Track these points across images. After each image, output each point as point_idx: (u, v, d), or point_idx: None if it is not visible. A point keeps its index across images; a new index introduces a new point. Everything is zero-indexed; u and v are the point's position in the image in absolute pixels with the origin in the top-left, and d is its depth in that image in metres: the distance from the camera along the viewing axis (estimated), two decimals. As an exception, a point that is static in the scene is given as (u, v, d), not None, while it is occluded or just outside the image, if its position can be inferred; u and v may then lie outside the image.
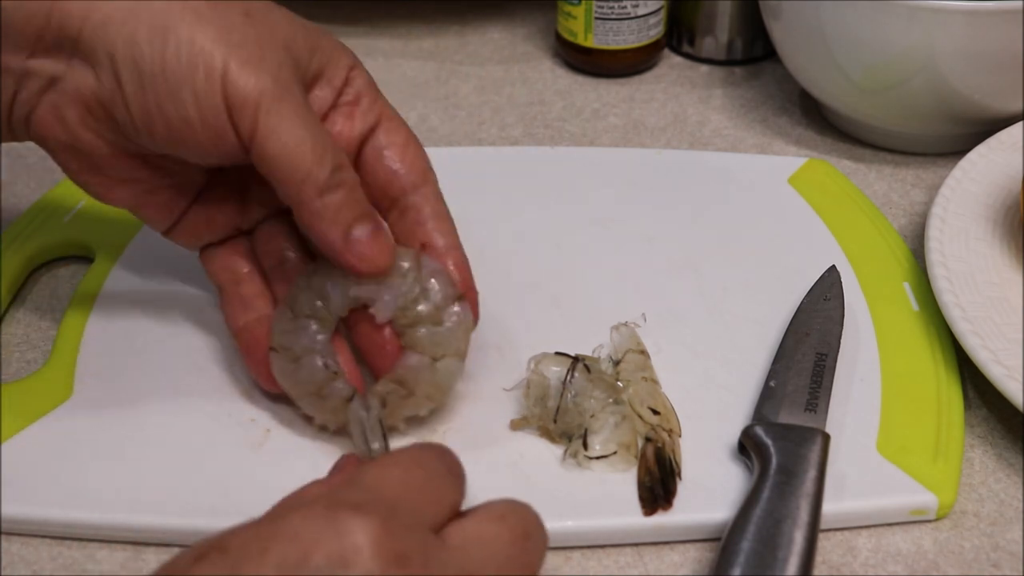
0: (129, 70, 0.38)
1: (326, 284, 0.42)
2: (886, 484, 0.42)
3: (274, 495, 0.41)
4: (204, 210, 0.44)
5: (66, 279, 0.53)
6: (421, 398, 0.42)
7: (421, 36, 0.75)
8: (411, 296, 0.42)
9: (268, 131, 0.38)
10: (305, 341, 0.42)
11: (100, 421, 0.44)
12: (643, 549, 0.41)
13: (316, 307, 0.42)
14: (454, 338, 0.42)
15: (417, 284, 0.42)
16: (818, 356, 0.46)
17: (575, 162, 0.60)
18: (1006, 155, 0.55)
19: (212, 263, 0.45)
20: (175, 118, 0.38)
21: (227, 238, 0.45)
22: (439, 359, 0.42)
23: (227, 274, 0.45)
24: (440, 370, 0.42)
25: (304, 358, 0.42)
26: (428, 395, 0.42)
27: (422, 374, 0.42)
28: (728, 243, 0.54)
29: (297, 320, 0.42)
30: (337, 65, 0.42)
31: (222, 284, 0.45)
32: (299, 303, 0.42)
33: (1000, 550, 0.41)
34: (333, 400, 0.41)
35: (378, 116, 0.43)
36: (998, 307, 0.47)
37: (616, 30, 0.68)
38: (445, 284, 0.42)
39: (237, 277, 0.45)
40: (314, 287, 0.42)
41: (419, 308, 0.42)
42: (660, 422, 0.43)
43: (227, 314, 0.45)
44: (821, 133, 0.65)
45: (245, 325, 0.44)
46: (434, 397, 0.42)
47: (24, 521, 0.41)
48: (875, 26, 0.55)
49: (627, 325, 0.47)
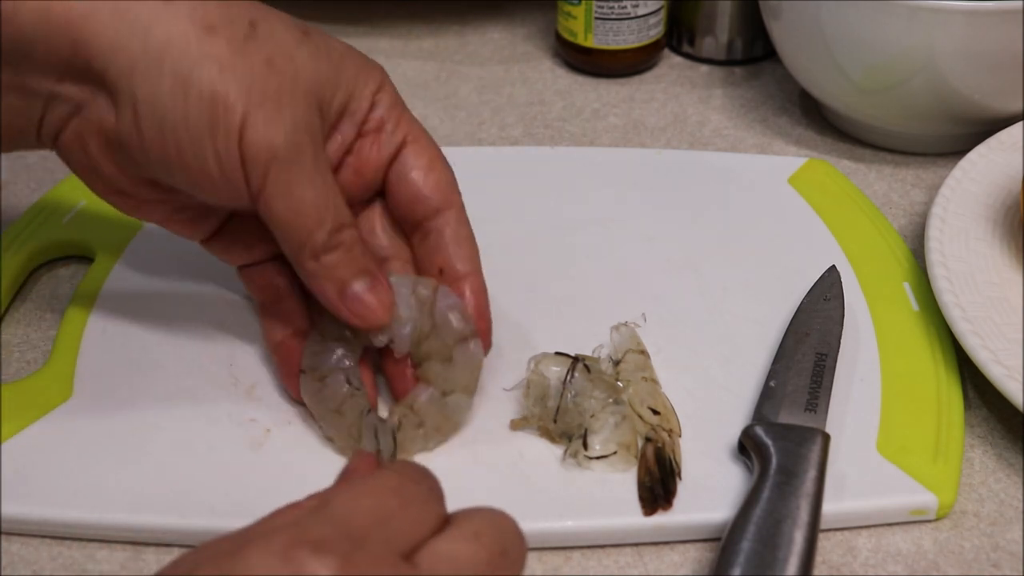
0: (150, 118, 0.38)
1: None
2: (886, 484, 0.42)
3: (274, 495, 0.41)
4: (239, 233, 0.44)
5: (66, 279, 0.53)
6: (430, 429, 0.43)
7: (421, 36, 0.75)
8: (424, 331, 0.43)
9: (275, 191, 0.39)
10: (332, 362, 0.43)
11: (100, 421, 0.44)
12: (643, 549, 0.41)
13: (344, 334, 0.43)
14: (463, 375, 0.43)
15: (431, 319, 0.43)
16: (818, 356, 0.46)
17: (575, 162, 0.60)
18: (1006, 155, 0.55)
19: (252, 282, 0.46)
20: (194, 167, 0.38)
21: (265, 260, 0.45)
22: (448, 394, 0.43)
23: (268, 292, 0.45)
24: (448, 404, 0.43)
25: (329, 377, 0.42)
26: (437, 427, 0.43)
27: (431, 406, 0.43)
28: (728, 243, 0.54)
29: (325, 343, 0.43)
30: (361, 95, 0.42)
31: (263, 301, 0.45)
32: (328, 329, 0.43)
33: (1000, 550, 0.41)
34: (350, 415, 0.42)
35: (403, 137, 0.43)
36: (998, 307, 0.47)
37: (616, 30, 0.68)
38: (459, 320, 0.43)
39: (278, 295, 0.45)
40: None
41: (431, 343, 0.43)
42: (660, 422, 0.43)
43: (266, 328, 0.45)
44: (821, 133, 0.65)
45: (283, 340, 0.44)
46: (443, 429, 0.43)
47: (24, 521, 0.41)
48: (875, 26, 0.55)
49: (627, 325, 0.47)
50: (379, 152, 0.43)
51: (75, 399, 0.45)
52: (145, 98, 0.38)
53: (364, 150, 0.43)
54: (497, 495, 0.41)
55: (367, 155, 0.43)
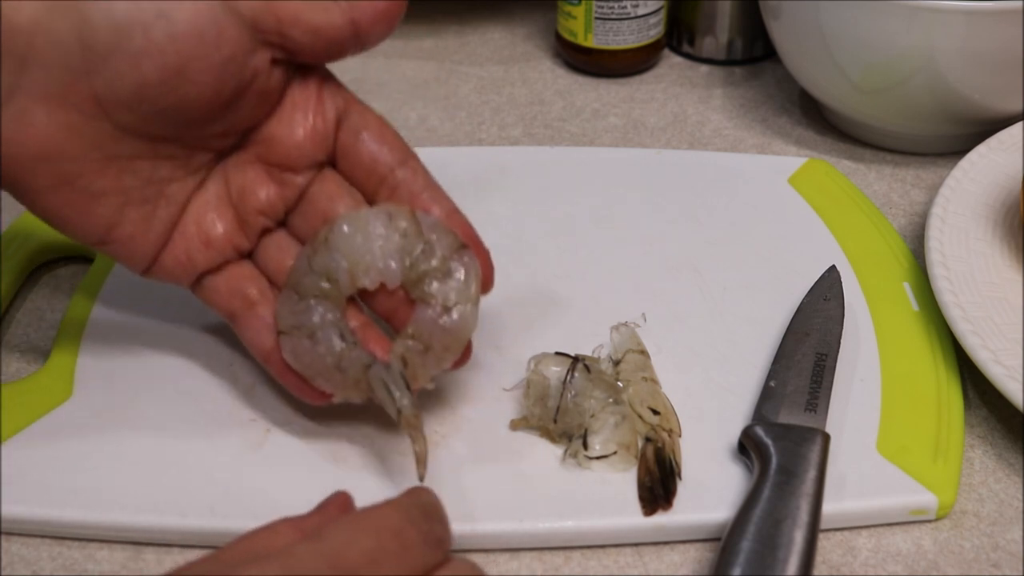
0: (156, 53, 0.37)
1: (330, 266, 0.41)
2: (886, 484, 0.42)
3: (274, 495, 0.41)
4: (197, 224, 0.42)
5: (66, 279, 0.53)
6: (439, 350, 0.41)
7: (421, 36, 0.75)
8: (414, 253, 0.41)
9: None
10: (316, 318, 0.41)
11: (100, 421, 0.44)
12: (643, 549, 0.41)
13: (323, 288, 0.41)
14: (465, 286, 0.41)
15: (419, 240, 0.41)
16: (818, 356, 0.46)
17: (575, 162, 0.60)
18: (1006, 155, 0.55)
19: (215, 293, 0.43)
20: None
21: (225, 263, 0.43)
22: (450, 309, 0.41)
23: (237, 300, 0.43)
24: (454, 319, 0.41)
25: (319, 332, 0.41)
26: (446, 346, 0.41)
27: (435, 325, 0.41)
28: (728, 243, 0.54)
29: (304, 301, 0.41)
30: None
31: (234, 311, 0.43)
32: (303, 286, 0.42)
33: (1000, 550, 0.41)
34: (353, 370, 0.41)
35: (345, 99, 0.43)
36: (998, 307, 0.47)
37: (616, 30, 0.68)
38: (445, 234, 0.42)
39: (249, 300, 0.43)
40: (317, 269, 0.42)
41: (423, 263, 0.41)
42: (660, 422, 0.43)
43: (249, 340, 0.43)
44: (821, 133, 0.65)
45: (274, 346, 0.42)
46: (452, 347, 0.41)
47: (24, 521, 0.41)
48: (875, 26, 0.55)
49: (627, 325, 0.47)
50: (324, 117, 0.42)
51: (75, 399, 0.45)
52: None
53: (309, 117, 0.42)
54: (497, 495, 0.41)
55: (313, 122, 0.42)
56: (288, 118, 0.41)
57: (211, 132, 0.40)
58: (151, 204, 0.41)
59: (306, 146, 0.42)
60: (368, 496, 0.40)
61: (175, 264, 0.42)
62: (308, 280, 0.41)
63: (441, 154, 0.61)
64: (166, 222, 0.41)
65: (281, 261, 0.43)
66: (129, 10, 0.37)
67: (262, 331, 0.42)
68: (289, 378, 0.42)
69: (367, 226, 0.41)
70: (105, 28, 0.36)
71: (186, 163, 0.41)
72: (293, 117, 0.41)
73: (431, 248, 0.41)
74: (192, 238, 0.42)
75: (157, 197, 0.41)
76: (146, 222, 0.41)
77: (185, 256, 0.42)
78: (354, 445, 0.43)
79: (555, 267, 0.52)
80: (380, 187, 0.43)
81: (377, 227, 0.41)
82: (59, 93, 0.37)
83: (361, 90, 0.67)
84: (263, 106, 0.41)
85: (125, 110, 0.38)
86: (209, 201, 0.42)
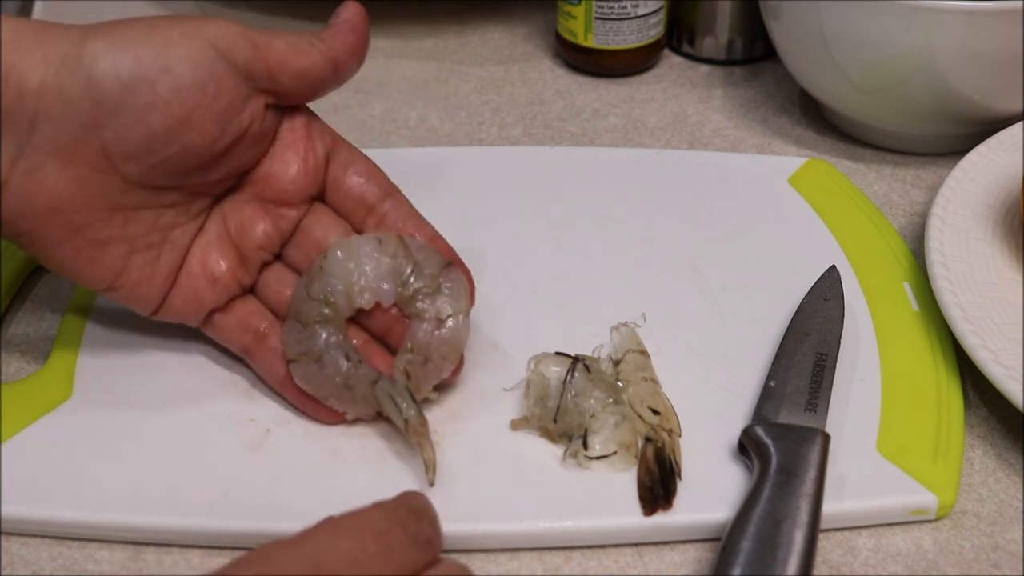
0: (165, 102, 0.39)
1: (327, 290, 0.44)
2: (886, 484, 0.42)
3: (274, 495, 0.41)
4: (201, 264, 0.44)
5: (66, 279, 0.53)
6: (438, 360, 0.44)
7: (421, 36, 0.75)
8: (405, 274, 0.44)
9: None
10: (321, 343, 0.43)
11: (100, 421, 0.44)
12: (643, 549, 0.41)
13: (324, 313, 0.44)
14: (454, 298, 0.44)
15: (408, 261, 0.44)
16: (818, 356, 0.46)
17: (575, 162, 0.60)
18: (1006, 155, 0.55)
19: (225, 329, 0.45)
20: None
21: (231, 300, 0.45)
22: (443, 322, 0.44)
23: (248, 335, 0.45)
24: (448, 331, 0.44)
25: (325, 356, 0.43)
26: (443, 355, 0.44)
27: (431, 337, 0.44)
28: (728, 243, 0.54)
29: (308, 328, 0.44)
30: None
31: (247, 346, 0.45)
32: (304, 314, 0.44)
33: (1000, 550, 0.41)
34: (361, 387, 0.43)
35: (332, 137, 0.46)
36: (998, 307, 0.47)
37: (616, 30, 0.68)
38: (431, 255, 0.45)
39: (260, 335, 0.45)
40: (315, 296, 0.44)
41: (414, 282, 0.44)
42: (660, 422, 0.43)
43: (264, 371, 0.45)
44: (821, 133, 0.65)
45: (287, 374, 0.44)
46: (449, 356, 0.44)
47: (24, 521, 0.41)
48: (875, 26, 0.55)
49: (627, 325, 0.47)
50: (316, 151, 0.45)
51: (75, 399, 0.45)
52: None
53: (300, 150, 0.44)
54: (497, 495, 0.41)
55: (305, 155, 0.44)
56: (281, 157, 0.44)
57: (211, 178, 0.43)
58: (155, 250, 0.43)
59: (300, 182, 0.44)
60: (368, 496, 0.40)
61: (184, 304, 0.44)
62: (308, 307, 0.44)
63: (441, 154, 0.61)
64: (170, 266, 0.43)
65: (281, 292, 0.45)
66: (134, 67, 0.39)
67: (275, 362, 0.44)
68: (305, 403, 0.44)
69: (359, 251, 0.44)
70: (112, 85, 0.39)
71: (187, 209, 0.43)
72: (285, 156, 0.44)
73: (420, 268, 0.44)
74: (199, 278, 0.44)
75: (161, 243, 0.43)
76: (151, 267, 0.43)
77: (193, 295, 0.44)
78: (353, 445, 0.43)
79: (555, 267, 0.52)
80: (368, 217, 0.46)
81: (369, 251, 0.44)
82: (69, 148, 0.39)
83: (361, 90, 0.68)
84: (258, 148, 0.43)
85: (132, 162, 0.40)
86: (211, 242, 0.44)
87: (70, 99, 0.38)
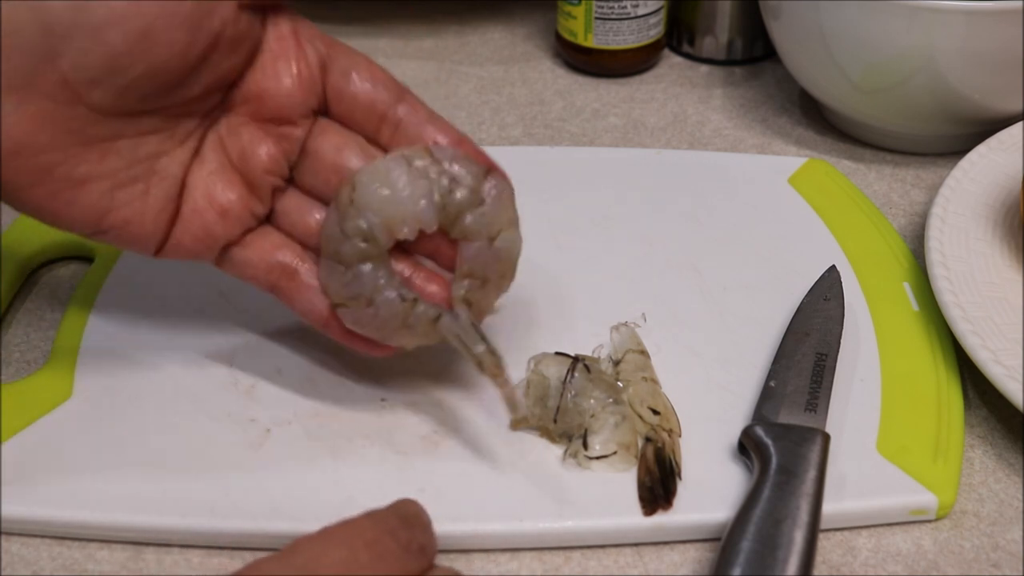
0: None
1: (362, 224, 0.40)
2: (886, 484, 0.42)
3: (274, 495, 0.41)
4: (207, 197, 0.40)
5: (66, 279, 0.53)
6: (496, 279, 0.42)
7: (421, 36, 0.75)
8: (443, 190, 0.40)
9: None
10: (369, 283, 0.40)
11: (100, 421, 0.44)
12: (643, 549, 0.41)
13: (363, 249, 0.40)
14: (501, 210, 0.41)
15: (443, 175, 0.40)
16: (818, 356, 0.46)
17: (575, 162, 0.60)
18: (1006, 155, 0.55)
19: (247, 265, 0.42)
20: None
21: (247, 233, 0.42)
22: (495, 237, 0.41)
23: (276, 271, 0.41)
24: (500, 247, 0.41)
25: (377, 298, 0.40)
26: (501, 274, 0.42)
27: (486, 256, 0.41)
28: (728, 243, 0.54)
29: (351, 269, 0.40)
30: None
31: (276, 284, 0.42)
32: (344, 254, 0.40)
33: (1000, 550, 0.41)
34: (421, 325, 0.40)
35: (326, 42, 0.41)
36: (998, 307, 0.47)
37: (616, 30, 0.68)
38: (467, 162, 0.41)
39: (288, 269, 0.41)
40: (351, 233, 0.40)
41: (455, 199, 0.40)
42: (660, 422, 0.43)
43: (301, 310, 0.42)
44: (821, 133, 0.65)
45: (330, 313, 0.41)
46: (507, 273, 0.42)
47: (24, 521, 0.41)
48: (875, 26, 0.55)
49: (627, 325, 0.47)
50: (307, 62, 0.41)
51: (75, 399, 0.45)
52: None
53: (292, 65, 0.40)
54: (497, 495, 0.41)
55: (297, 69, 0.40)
56: (271, 70, 0.40)
57: (190, 95, 0.39)
58: (143, 183, 0.39)
59: (296, 94, 0.40)
60: (368, 496, 0.40)
61: (194, 241, 0.41)
62: (346, 247, 0.40)
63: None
64: (163, 198, 0.40)
65: (303, 221, 0.42)
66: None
67: (313, 299, 0.41)
68: (356, 342, 0.42)
69: (389, 175, 0.40)
70: (61, 4, 0.35)
71: (171, 134, 0.40)
72: (276, 67, 0.40)
73: (457, 181, 0.40)
74: (206, 211, 0.40)
75: (148, 175, 0.39)
76: (141, 202, 0.39)
77: (203, 231, 0.41)
78: (353, 444, 0.43)
79: (555, 267, 0.52)
80: (381, 126, 0.41)
81: (399, 174, 0.40)
82: (24, 83, 0.35)
83: (361, 90, 0.67)
84: (237, 55, 0.39)
85: (96, 88, 0.36)
86: (213, 171, 0.41)
87: (17, 28, 0.35)
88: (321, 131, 0.41)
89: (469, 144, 0.42)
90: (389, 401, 0.45)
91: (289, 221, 0.42)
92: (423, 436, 0.44)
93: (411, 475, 0.42)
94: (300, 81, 0.40)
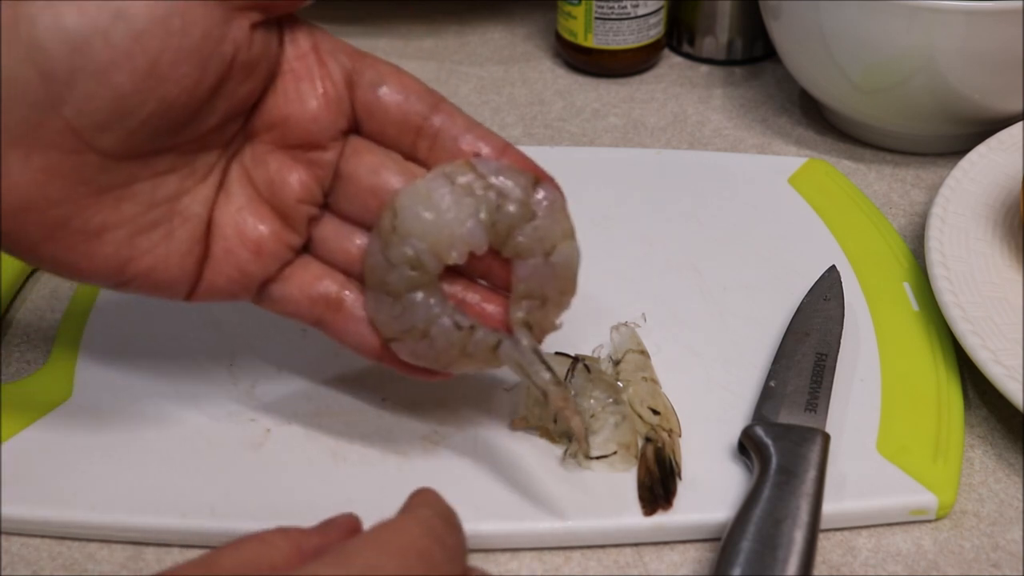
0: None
1: (407, 251, 0.38)
2: (886, 484, 0.42)
3: (274, 495, 0.41)
4: (238, 234, 0.38)
5: (66, 279, 0.53)
6: (556, 297, 0.39)
7: (421, 36, 0.75)
8: (490, 207, 0.38)
9: None
10: (422, 314, 0.38)
11: (100, 421, 0.44)
12: (643, 549, 0.41)
13: (411, 277, 0.38)
14: (555, 222, 0.38)
15: (490, 191, 0.38)
16: (818, 356, 0.46)
17: (575, 162, 0.60)
18: (1006, 155, 0.55)
19: (288, 302, 0.39)
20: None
21: (284, 267, 0.39)
22: (551, 251, 0.38)
23: (319, 304, 0.39)
24: (557, 262, 0.39)
25: (432, 329, 0.38)
26: (561, 291, 0.39)
27: (544, 273, 0.38)
28: (728, 243, 0.54)
29: (400, 300, 0.38)
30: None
31: (320, 317, 0.39)
32: (391, 285, 0.38)
33: (1000, 550, 0.41)
34: (481, 353, 0.38)
35: (349, 54, 0.38)
36: (998, 307, 0.47)
37: (616, 30, 0.68)
38: (512, 172, 0.38)
39: (333, 302, 0.39)
40: (397, 261, 0.38)
41: (504, 215, 0.38)
42: (660, 422, 0.43)
43: (352, 344, 0.39)
44: (821, 133, 0.65)
45: (381, 344, 0.39)
46: (568, 288, 0.39)
47: (24, 521, 0.41)
48: (875, 26, 0.55)
49: (627, 325, 0.47)
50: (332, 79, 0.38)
51: (75, 399, 0.45)
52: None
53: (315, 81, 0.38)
54: (497, 495, 0.41)
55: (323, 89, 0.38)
56: (294, 92, 0.37)
57: (205, 127, 0.36)
58: (164, 226, 0.37)
59: (323, 116, 0.37)
60: (367, 496, 0.40)
61: (228, 282, 0.38)
62: (393, 276, 0.38)
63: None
64: (188, 240, 0.37)
65: (343, 248, 0.39)
66: (80, 20, 0.32)
67: (362, 331, 0.39)
68: (414, 372, 0.40)
69: (431, 197, 0.37)
70: (59, 49, 0.32)
71: (191, 171, 0.37)
72: (299, 89, 0.37)
73: (505, 195, 0.38)
74: (238, 250, 0.38)
75: (169, 217, 0.37)
76: (164, 247, 0.37)
77: (237, 271, 0.38)
78: (354, 444, 0.43)
79: (555, 267, 0.52)
80: (418, 139, 0.39)
81: (442, 194, 0.37)
82: (28, 134, 0.33)
83: (361, 90, 0.67)
84: (253, 80, 0.36)
85: (105, 133, 0.34)
86: (242, 206, 0.38)
87: (15, 78, 0.32)
88: (354, 152, 0.39)
89: (514, 152, 0.39)
90: (389, 401, 0.45)
91: (328, 249, 0.39)
92: (423, 436, 0.44)
93: (411, 475, 0.42)
94: (326, 101, 0.38)
